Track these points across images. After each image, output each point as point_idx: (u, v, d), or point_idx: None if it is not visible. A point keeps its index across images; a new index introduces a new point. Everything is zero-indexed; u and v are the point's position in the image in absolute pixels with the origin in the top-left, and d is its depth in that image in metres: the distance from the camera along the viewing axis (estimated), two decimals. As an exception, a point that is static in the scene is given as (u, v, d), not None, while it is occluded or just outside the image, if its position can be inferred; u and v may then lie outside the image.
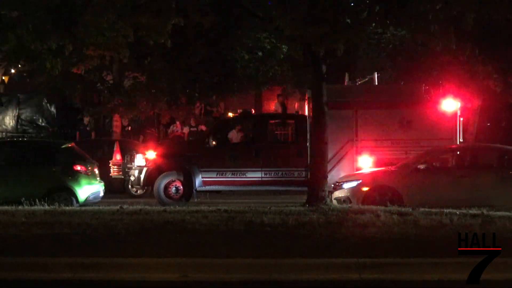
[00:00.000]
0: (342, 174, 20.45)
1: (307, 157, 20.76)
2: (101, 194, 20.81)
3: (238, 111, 24.07)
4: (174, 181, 21.61)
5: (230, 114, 24.16)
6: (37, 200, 18.37)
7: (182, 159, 21.71)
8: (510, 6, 17.47)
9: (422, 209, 16.41)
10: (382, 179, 19.05)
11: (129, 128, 32.09)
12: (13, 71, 33.99)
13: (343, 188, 19.16)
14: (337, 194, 19.27)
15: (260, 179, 21.52)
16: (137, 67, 30.51)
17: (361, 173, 19.93)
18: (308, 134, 20.99)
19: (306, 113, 22.15)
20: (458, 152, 19.98)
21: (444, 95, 22.12)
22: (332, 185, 19.57)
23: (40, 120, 37.32)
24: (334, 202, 19.07)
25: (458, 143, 21.05)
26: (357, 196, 18.74)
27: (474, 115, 27.88)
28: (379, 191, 18.63)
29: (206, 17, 18.68)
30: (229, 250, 12.19)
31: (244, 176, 21.42)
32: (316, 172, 18.50)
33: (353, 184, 19.06)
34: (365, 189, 18.69)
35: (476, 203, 17.44)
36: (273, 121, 22.96)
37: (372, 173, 19.56)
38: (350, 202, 18.61)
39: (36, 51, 28.01)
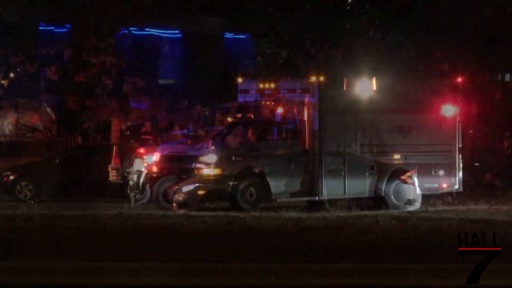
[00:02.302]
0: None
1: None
2: None
3: (237, 115, 23.99)
4: (174, 185, 21.52)
5: (229, 119, 24.02)
6: None
7: (181, 163, 21.63)
8: (509, 13, 17.48)
9: (421, 214, 16.40)
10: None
11: (128, 132, 32.04)
12: (12, 75, 33.98)
13: (182, 191, 19.09)
14: (176, 197, 19.27)
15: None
16: (137, 72, 30.50)
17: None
18: (308, 139, 20.92)
19: (306, 118, 22.08)
20: None
21: (443, 101, 22.08)
22: (174, 189, 19.61)
23: (39, 125, 37.31)
24: (174, 205, 19.10)
25: (457, 148, 21.03)
26: (193, 199, 18.84)
27: (473, 121, 27.85)
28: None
29: (207, 19, 18.67)
30: (228, 255, 12.17)
31: (243, 180, 21.31)
32: (316, 177, 18.45)
33: (190, 187, 19.06)
34: (201, 192, 18.70)
35: None
36: (272, 126, 22.88)
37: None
38: (187, 205, 18.66)
39: (36, 54, 27.94)
